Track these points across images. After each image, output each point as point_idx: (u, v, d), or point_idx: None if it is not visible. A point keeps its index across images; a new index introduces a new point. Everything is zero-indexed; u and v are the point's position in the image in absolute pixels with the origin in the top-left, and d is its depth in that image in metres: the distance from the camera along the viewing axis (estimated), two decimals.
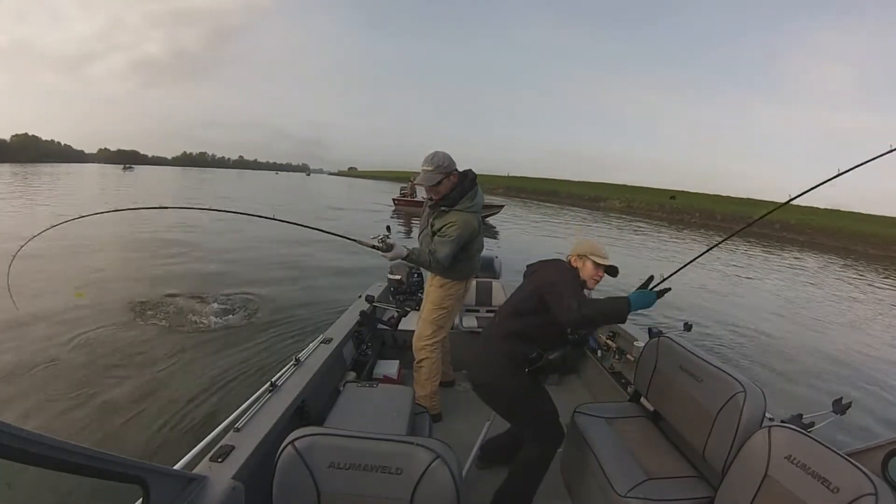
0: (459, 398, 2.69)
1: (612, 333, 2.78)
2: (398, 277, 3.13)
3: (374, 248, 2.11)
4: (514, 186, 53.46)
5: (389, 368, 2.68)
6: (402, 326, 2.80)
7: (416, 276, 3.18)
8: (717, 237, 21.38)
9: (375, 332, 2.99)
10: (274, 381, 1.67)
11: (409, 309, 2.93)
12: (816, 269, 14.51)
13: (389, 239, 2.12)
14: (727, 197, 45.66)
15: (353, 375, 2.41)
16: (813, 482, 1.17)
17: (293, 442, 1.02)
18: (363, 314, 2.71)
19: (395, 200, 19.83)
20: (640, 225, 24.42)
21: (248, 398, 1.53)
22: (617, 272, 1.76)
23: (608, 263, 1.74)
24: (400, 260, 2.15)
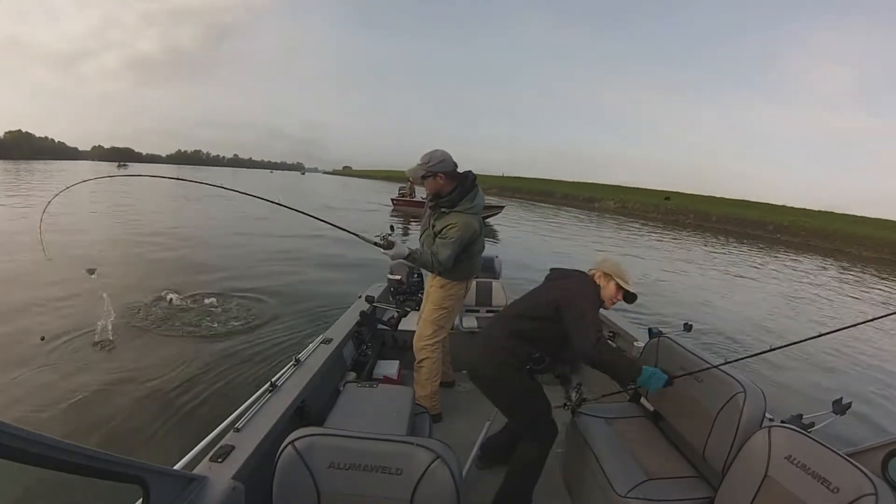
0: (459, 398, 2.69)
1: (612, 334, 2.78)
2: (398, 278, 3.13)
3: (375, 244, 2.11)
4: (508, 186, 52.98)
5: (389, 369, 2.68)
6: (402, 327, 2.80)
7: (416, 276, 3.18)
8: (712, 238, 21.57)
9: (375, 332, 2.99)
10: (274, 381, 1.67)
11: (409, 309, 2.92)
12: (813, 270, 14.55)
13: (392, 237, 2.12)
14: (722, 198, 45.59)
15: (353, 376, 2.41)
16: (813, 482, 1.17)
17: (293, 442, 1.02)
18: (363, 314, 2.71)
19: (393, 201, 19.69)
20: (633, 226, 24.41)
21: (248, 398, 1.53)
22: (635, 300, 1.78)
23: (631, 290, 1.75)
24: (401, 259, 2.16)
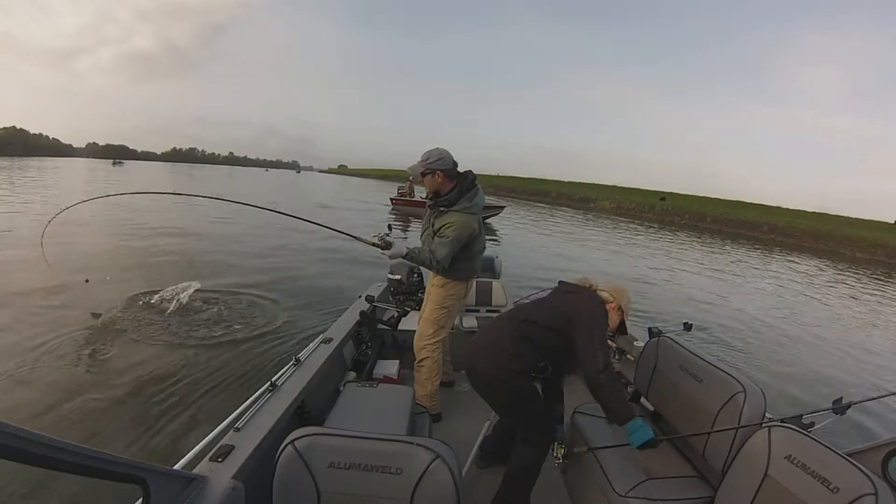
0: (459, 398, 2.69)
1: (611, 333, 2.78)
2: (398, 277, 3.13)
3: (374, 245, 2.11)
4: (503, 186, 52.57)
5: (389, 368, 2.68)
6: (402, 326, 2.81)
7: (416, 276, 3.18)
8: (708, 239, 21.69)
9: (375, 332, 2.99)
10: (274, 381, 1.67)
11: (409, 309, 2.93)
12: (810, 272, 14.58)
13: (389, 237, 2.12)
14: (717, 199, 45.58)
15: (353, 375, 2.41)
16: (813, 482, 1.17)
17: (293, 442, 1.02)
18: (363, 314, 2.71)
19: (392, 200, 19.70)
20: (630, 226, 24.37)
21: (248, 398, 1.53)
22: (625, 333, 1.87)
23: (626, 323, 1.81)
24: (400, 259, 2.16)
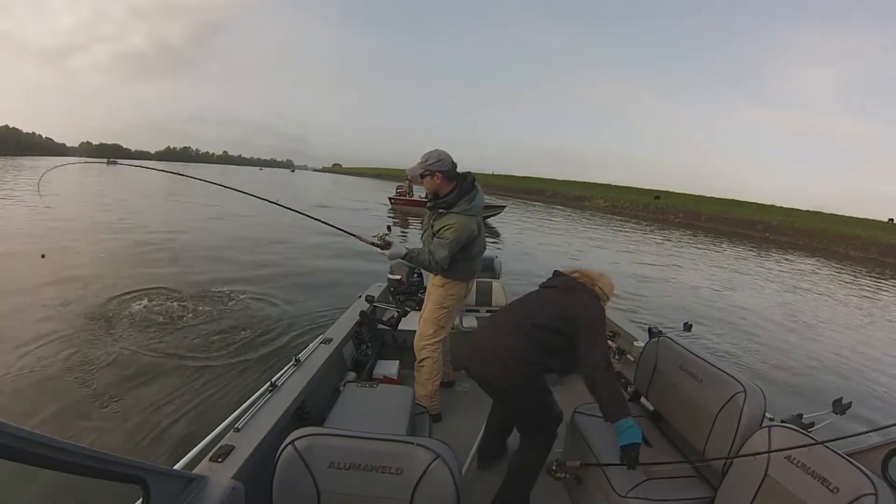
0: (459, 398, 2.69)
1: (611, 333, 2.78)
2: (398, 277, 3.13)
3: (373, 245, 2.11)
4: (499, 185, 51.92)
5: (389, 368, 2.68)
6: (402, 326, 2.81)
7: (416, 276, 3.18)
8: (703, 237, 21.77)
9: (375, 332, 2.99)
10: (274, 381, 1.67)
11: (409, 309, 2.92)
12: (807, 270, 14.62)
13: (389, 237, 2.12)
14: (711, 197, 45.48)
15: (353, 375, 2.41)
16: (813, 482, 1.17)
17: (293, 442, 1.02)
18: (363, 314, 2.71)
19: (391, 199, 19.62)
20: (627, 225, 24.37)
21: (248, 398, 1.53)
22: None
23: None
24: (399, 259, 2.16)
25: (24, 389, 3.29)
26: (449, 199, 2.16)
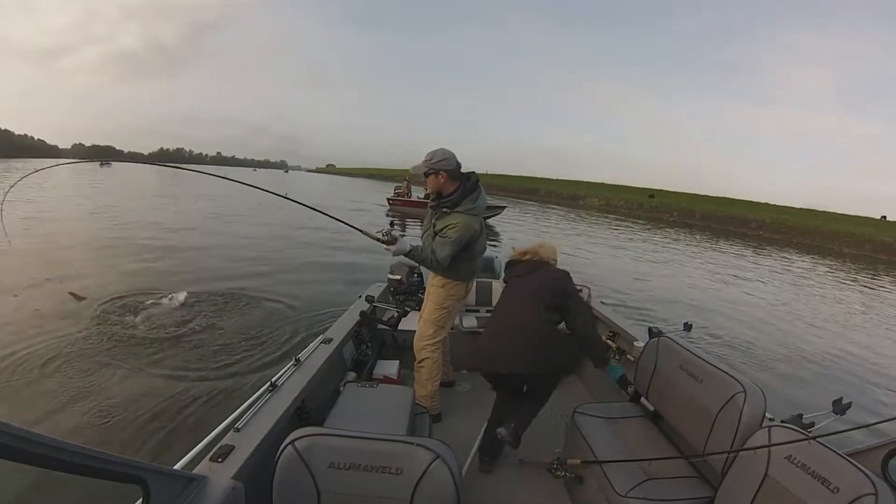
0: (459, 398, 2.69)
1: (612, 333, 2.78)
2: (398, 277, 3.13)
3: (378, 240, 2.12)
4: (494, 185, 51.34)
5: (389, 368, 2.68)
6: (402, 326, 2.81)
7: (416, 276, 3.18)
8: (698, 235, 21.83)
9: (375, 332, 2.99)
10: (274, 381, 1.67)
11: (409, 309, 2.92)
12: (804, 269, 14.63)
13: (395, 232, 2.13)
14: (705, 196, 45.51)
15: (353, 375, 2.41)
16: (813, 482, 1.17)
17: (293, 442, 1.02)
18: (363, 314, 2.71)
19: (389, 200, 19.51)
20: (624, 223, 24.33)
21: (248, 398, 1.53)
22: None
23: None
24: (402, 255, 2.16)
25: (23, 389, 3.29)
26: (453, 198, 2.16)
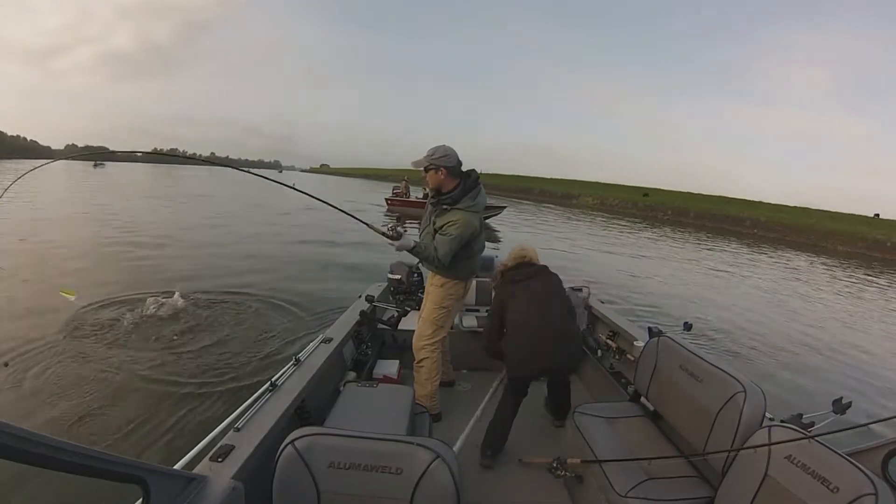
0: (459, 398, 2.69)
1: (612, 333, 2.78)
2: (398, 277, 3.13)
3: (383, 234, 2.12)
4: (488, 184, 52.31)
5: (389, 368, 2.68)
6: (402, 326, 2.81)
7: (416, 275, 3.18)
8: (694, 233, 21.91)
9: (375, 331, 2.99)
10: (274, 380, 1.67)
11: (409, 309, 2.92)
12: (803, 267, 14.65)
13: (400, 228, 2.14)
14: (699, 194, 45.44)
15: (353, 375, 2.41)
16: (813, 482, 1.17)
17: (293, 442, 1.02)
18: (363, 314, 2.71)
19: (388, 200, 19.48)
20: (620, 223, 24.34)
21: (248, 398, 1.53)
22: None
23: None
24: (405, 251, 2.16)
25: (23, 390, 3.29)
26: (453, 195, 2.16)
